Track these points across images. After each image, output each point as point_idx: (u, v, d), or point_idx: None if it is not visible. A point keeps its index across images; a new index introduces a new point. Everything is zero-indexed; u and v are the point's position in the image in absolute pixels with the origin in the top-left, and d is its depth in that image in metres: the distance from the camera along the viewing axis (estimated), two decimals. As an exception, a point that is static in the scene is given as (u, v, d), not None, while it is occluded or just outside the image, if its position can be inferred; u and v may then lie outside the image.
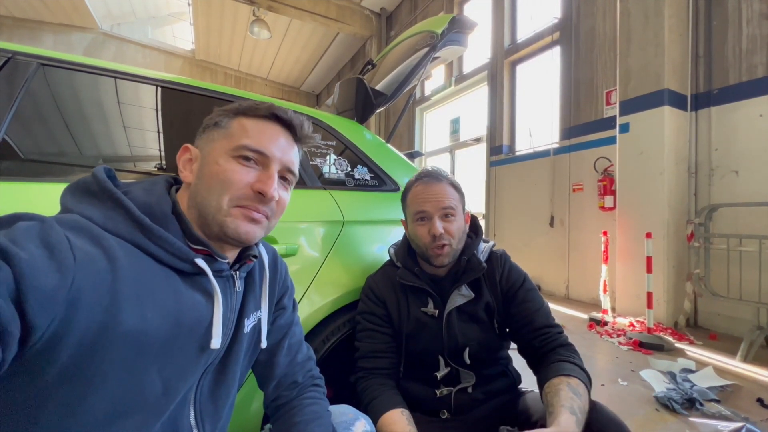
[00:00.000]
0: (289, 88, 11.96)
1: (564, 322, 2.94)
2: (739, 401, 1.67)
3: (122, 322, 0.41)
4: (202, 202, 0.52)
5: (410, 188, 0.96)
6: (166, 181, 0.57)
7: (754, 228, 2.48)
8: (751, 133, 2.60)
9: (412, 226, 0.94)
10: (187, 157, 0.56)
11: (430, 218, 0.90)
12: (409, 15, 6.86)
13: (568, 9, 3.93)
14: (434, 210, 0.89)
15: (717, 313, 2.71)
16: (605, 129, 3.46)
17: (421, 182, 0.94)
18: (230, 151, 0.53)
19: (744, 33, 2.65)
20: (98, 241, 0.42)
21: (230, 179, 0.52)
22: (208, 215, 0.52)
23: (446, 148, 5.94)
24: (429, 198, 0.90)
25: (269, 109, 0.56)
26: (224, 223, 0.52)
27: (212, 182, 0.52)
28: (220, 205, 0.51)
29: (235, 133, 0.54)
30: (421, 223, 0.91)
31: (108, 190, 0.48)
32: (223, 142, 0.54)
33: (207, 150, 0.55)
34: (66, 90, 0.93)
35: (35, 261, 0.35)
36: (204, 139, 0.56)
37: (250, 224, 0.53)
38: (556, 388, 0.74)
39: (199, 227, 0.53)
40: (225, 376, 0.58)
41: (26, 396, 0.38)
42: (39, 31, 8.39)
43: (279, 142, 0.56)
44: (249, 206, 0.53)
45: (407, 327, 0.93)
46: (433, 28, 1.46)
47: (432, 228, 0.88)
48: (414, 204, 0.93)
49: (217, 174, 0.52)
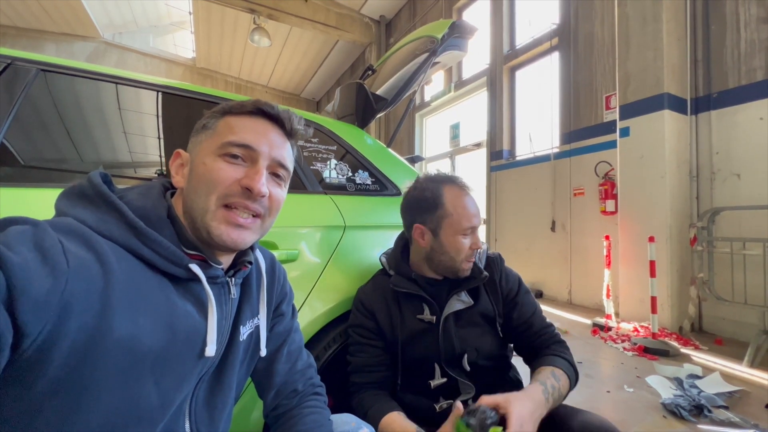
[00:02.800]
0: (290, 95, 12.04)
1: (567, 327, 2.92)
2: (747, 407, 1.64)
3: (114, 328, 0.40)
4: (192, 205, 0.51)
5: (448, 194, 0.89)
6: (161, 185, 0.56)
7: (757, 231, 2.47)
8: (752, 137, 2.60)
9: (455, 238, 0.88)
10: (179, 162, 0.55)
11: (473, 232, 0.89)
12: (408, 22, 6.92)
13: (567, 14, 3.96)
14: (478, 224, 0.90)
15: (722, 317, 2.68)
16: (605, 133, 3.47)
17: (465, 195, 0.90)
18: (216, 150, 0.52)
19: (742, 37, 2.67)
20: (91, 246, 0.41)
21: (217, 177, 0.50)
22: (196, 218, 0.51)
23: (446, 153, 5.95)
24: (475, 212, 0.90)
25: (255, 105, 0.55)
26: (210, 228, 0.50)
27: (200, 183, 0.51)
28: (207, 205, 0.50)
29: (221, 132, 0.53)
30: (465, 236, 0.88)
31: (103, 193, 0.47)
32: (209, 142, 0.53)
33: (195, 152, 0.54)
34: (66, 96, 0.92)
35: (28, 265, 0.34)
36: (193, 143, 0.55)
37: (236, 230, 0.51)
38: (539, 371, 0.81)
39: (193, 232, 0.52)
40: (221, 385, 0.56)
41: (18, 409, 0.37)
42: (41, 40, 8.48)
43: (268, 137, 0.54)
44: (237, 204, 0.51)
45: (402, 336, 0.91)
46: (434, 33, 1.47)
47: (476, 242, 0.89)
48: (464, 218, 0.88)
49: (204, 174, 0.51)
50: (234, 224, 0.51)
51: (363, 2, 7.11)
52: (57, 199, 0.48)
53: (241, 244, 0.52)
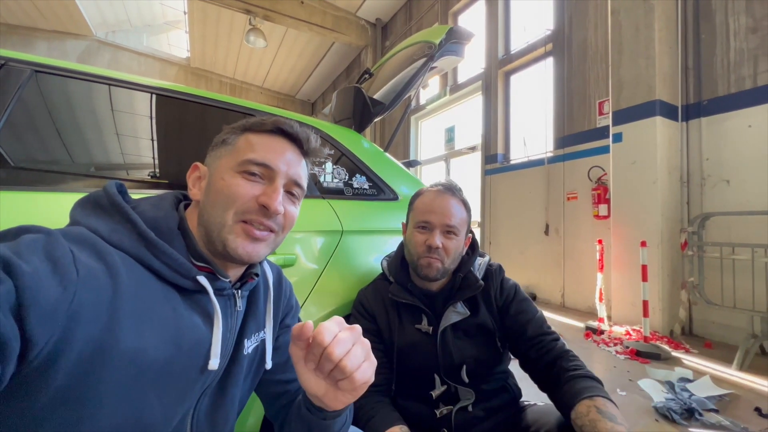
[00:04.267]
0: (285, 96, 12.00)
1: (560, 330, 2.93)
2: (737, 411, 1.67)
3: (120, 339, 0.40)
4: (208, 219, 0.52)
5: (421, 194, 0.95)
6: (174, 197, 0.57)
7: (746, 237, 2.52)
8: (741, 144, 2.65)
9: (411, 231, 0.92)
10: (197, 176, 0.56)
11: (432, 230, 0.88)
12: (404, 26, 6.95)
13: (561, 21, 4.01)
14: (438, 223, 0.88)
15: (712, 321, 2.72)
16: (598, 138, 3.51)
17: (434, 192, 0.92)
18: (236, 167, 0.53)
19: (732, 46, 2.72)
20: (102, 256, 0.42)
21: (235, 193, 0.51)
22: (212, 232, 0.51)
23: (441, 156, 5.98)
24: (436, 210, 0.89)
25: (275, 124, 0.56)
26: (227, 241, 0.51)
27: (218, 197, 0.52)
28: (224, 220, 0.51)
29: (241, 149, 0.54)
30: (421, 231, 0.89)
31: (117, 204, 0.48)
32: (228, 158, 0.54)
33: (214, 167, 0.55)
34: (60, 97, 0.91)
35: (38, 274, 0.34)
36: (212, 157, 0.56)
37: (252, 244, 0.52)
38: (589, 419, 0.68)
39: (205, 245, 0.53)
40: (223, 400, 0.56)
41: (20, 422, 0.36)
42: (32, 37, 8.36)
43: (285, 156, 0.56)
44: (253, 220, 0.52)
45: (400, 343, 0.90)
46: (431, 39, 1.48)
47: (430, 239, 0.87)
48: (420, 211, 0.91)
49: (222, 189, 0.52)
50: (251, 237, 0.52)
51: (359, 5, 7.13)
52: (72, 207, 0.49)
53: (255, 257, 0.53)
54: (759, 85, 2.57)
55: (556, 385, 0.80)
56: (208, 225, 0.52)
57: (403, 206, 1.23)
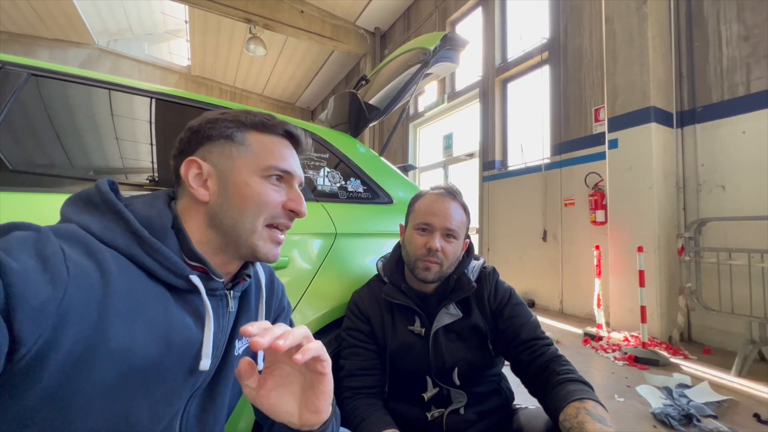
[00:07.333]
0: (285, 104, 12.09)
1: (559, 337, 2.93)
2: (735, 417, 1.66)
3: (110, 338, 0.39)
4: (233, 224, 0.52)
5: (422, 196, 0.95)
6: (167, 195, 0.56)
7: (742, 242, 2.52)
8: (735, 150, 2.67)
9: (411, 233, 0.91)
10: (196, 172, 0.53)
11: (432, 232, 0.88)
12: (402, 34, 7.03)
13: (556, 29, 4.07)
14: (439, 226, 0.88)
15: (710, 326, 2.71)
16: (595, 145, 3.54)
17: (435, 194, 0.93)
18: (260, 172, 0.54)
19: (724, 54, 2.76)
20: (93, 254, 0.41)
21: (266, 201, 0.54)
22: (240, 236, 0.52)
23: (440, 163, 6.00)
24: (437, 212, 0.89)
25: (284, 127, 0.58)
26: (256, 247, 0.53)
27: (247, 204, 0.53)
28: (255, 226, 0.53)
29: (259, 153, 0.55)
30: (421, 233, 0.89)
31: (109, 201, 0.47)
32: (246, 160, 0.54)
33: (227, 167, 0.53)
34: (57, 101, 0.92)
35: (28, 273, 0.33)
36: (216, 154, 0.54)
37: (276, 247, 0.56)
38: (577, 421, 0.67)
39: (219, 246, 0.53)
40: (213, 402, 0.55)
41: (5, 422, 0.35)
42: (34, 46, 8.44)
43: (296, 160, 0.60)
44: (280, 224, 0.56)
45: (392, 345, 0.90)
46: (426, 45, 1.50)
47: (430, 242, 0.87)
48: (421, 213, 0.91)
49: (252, 196, 0.53)
50: (276, 242, 0.56)
51: (358, 14, 7.23)
52: (63, 204, 0.48)
53: (277, 259, 0.57)
54: (752, 92, 2.59)
55: (545, 388, 0.79)
56: (233, 229, 0.52)
57: (397, 210, 1.24)
